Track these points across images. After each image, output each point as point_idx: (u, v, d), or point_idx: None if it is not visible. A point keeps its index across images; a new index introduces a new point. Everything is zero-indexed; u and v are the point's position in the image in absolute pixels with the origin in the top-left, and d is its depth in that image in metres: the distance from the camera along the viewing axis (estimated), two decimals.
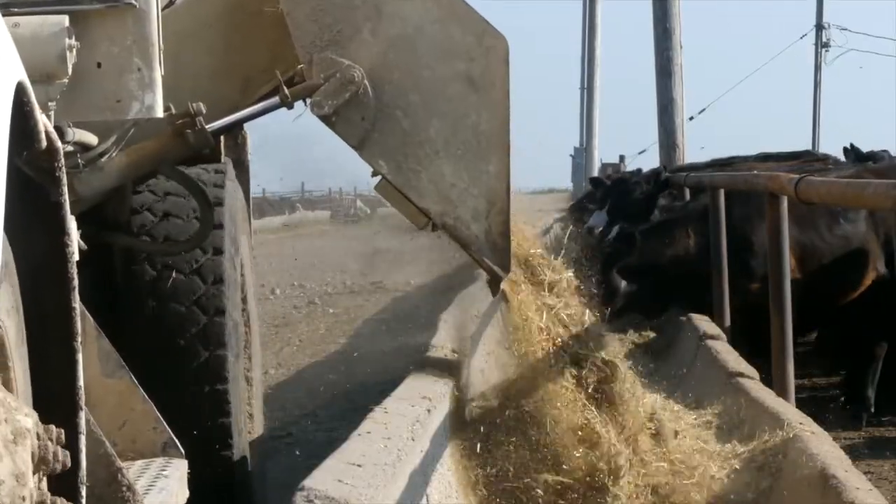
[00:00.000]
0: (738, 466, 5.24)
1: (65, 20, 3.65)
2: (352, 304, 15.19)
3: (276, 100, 4.75)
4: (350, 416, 6.90)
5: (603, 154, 37.86)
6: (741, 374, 6.58)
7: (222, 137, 5.09)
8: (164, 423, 3.81)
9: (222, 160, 5.21)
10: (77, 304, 2.59)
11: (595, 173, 35.03)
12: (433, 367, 5.94)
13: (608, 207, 11.62)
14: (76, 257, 2.66)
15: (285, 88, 4.70)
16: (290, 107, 4.77)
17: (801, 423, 5.25)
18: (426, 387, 5.44)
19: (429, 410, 4.98)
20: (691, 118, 21.91)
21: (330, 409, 7.90)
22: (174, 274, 4.81)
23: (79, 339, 2.60)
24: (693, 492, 5.06)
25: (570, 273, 5.73)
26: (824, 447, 4.86)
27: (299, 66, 4.85)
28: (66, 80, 3.66)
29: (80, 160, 4.15)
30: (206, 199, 4.77)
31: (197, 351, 4.78)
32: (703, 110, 24.48)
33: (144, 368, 4.10)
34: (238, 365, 5.01)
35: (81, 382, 2.61)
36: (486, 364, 7.48)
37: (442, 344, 6.66)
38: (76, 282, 2.59)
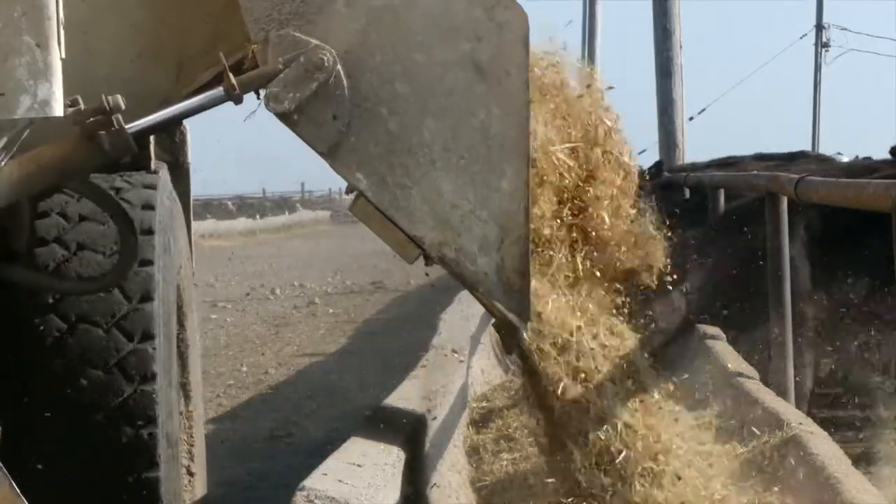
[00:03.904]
0: (737, 467, 5.24)
1: None
2: (352, 304, 15.20)
3: (219, 91, 3.55)
4: (350, 416, 6.91)
5: None
6: (741, 374, 6.58)
7: (152, 138, 4.11)
8: None
9: (153, 167, 4.14)
10: None
11: None
12: (433, 367, 5.95)
13: None
14: None
15: (231, 76, 3.51)
16: (239, 100, 3.58)
17: (800, 423, 5.26)
18: (426, 387, 5.45)
19: (429, 410, 4.99)
20: (691, 118, 21.97)
21: (330, 409, 7.90)
22: (89, 328, 3.78)
23: None
24: None
25: None
26: (824, 447, 4.87)
27: (251, 47, 3.65)
28: None
29: None
30: (129, 225, 3.72)
31: (118, 429, 3.73)
32: (703, 110, 24.52)
33: (47, 453, 3.47)
34: (173, 445, 4.00)
35: None
36: (487, 364, 7.49)
37: (442, 344, 6.67)
38: None
